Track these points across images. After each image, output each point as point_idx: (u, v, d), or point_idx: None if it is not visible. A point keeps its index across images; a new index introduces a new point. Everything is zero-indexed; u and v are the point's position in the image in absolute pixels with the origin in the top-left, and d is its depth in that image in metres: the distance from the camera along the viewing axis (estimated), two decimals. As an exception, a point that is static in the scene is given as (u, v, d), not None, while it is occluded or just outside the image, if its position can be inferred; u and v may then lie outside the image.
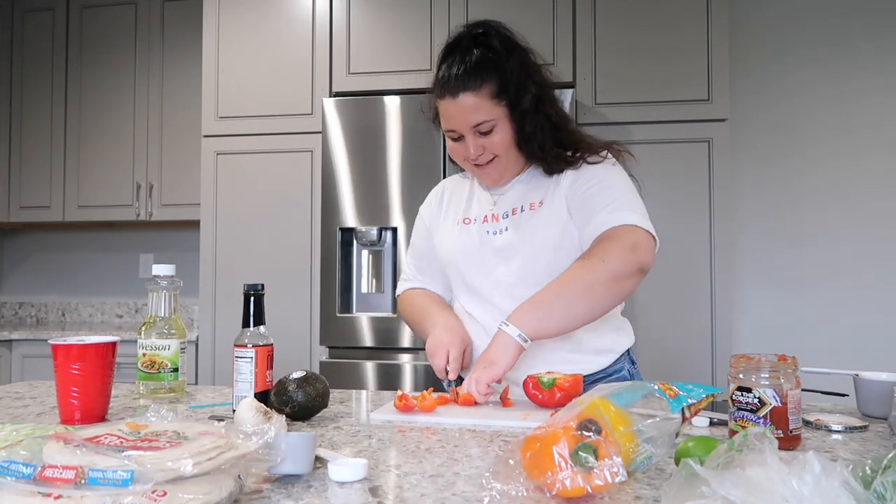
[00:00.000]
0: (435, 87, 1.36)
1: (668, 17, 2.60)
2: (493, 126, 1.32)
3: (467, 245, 1.42)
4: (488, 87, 1.30)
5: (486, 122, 1.31)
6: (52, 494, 0.58)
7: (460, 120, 1.32)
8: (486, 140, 1.33)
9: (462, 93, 1.30)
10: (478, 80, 1.30)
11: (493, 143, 1.34)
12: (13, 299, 3.80)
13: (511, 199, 1.42)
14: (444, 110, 1.34)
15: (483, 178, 1.42)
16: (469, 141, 1.33)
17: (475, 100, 1.30)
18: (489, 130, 1.32)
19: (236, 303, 2.22)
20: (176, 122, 3.27)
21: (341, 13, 2.78)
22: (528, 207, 1.39)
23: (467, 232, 1.43)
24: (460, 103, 1.31)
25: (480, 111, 1.30)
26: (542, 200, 1.38)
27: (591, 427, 0.69)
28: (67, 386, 1.07)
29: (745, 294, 3.07)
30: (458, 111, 1.31)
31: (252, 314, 1.14)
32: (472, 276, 1.41)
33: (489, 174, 1.40)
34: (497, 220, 1.41)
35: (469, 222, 1.45)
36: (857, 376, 1.17)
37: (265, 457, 0.70)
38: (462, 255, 1.42)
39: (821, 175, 3.05)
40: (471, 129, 1.32)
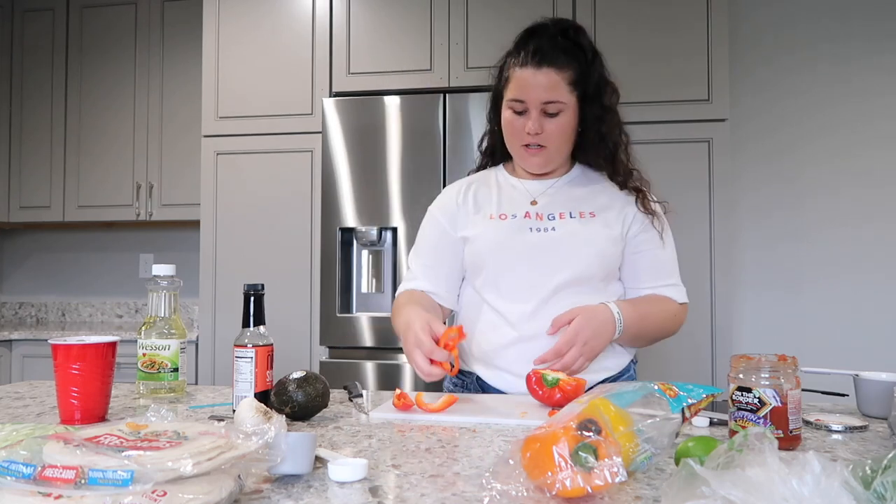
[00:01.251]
0: (514, 57, 1.36)
1: (668, 18, 2.60)
2: (561, 110, 1.34)
3: (510, 238, 1.38)
4: (570, 73, 1.34)
5: (556, 103, 1.33)
6: (52, 494, 0.58)
7: (535, 92, 1.32)
8: (548, 122, 1.34)
9: (547, 66, 1.32)
10: (563, 61, 1.33)
11: (553, 126, 1.35)
12: (13, 299, 3.80)
13: (556, 201, 1.42)
14: (521, 79, 1.33)
15: (528, 160, 1.40)
16: (532, 116, 1.34)
17: (557, 77, 1.33)
18: (556, 113, 1.34)
19: (236, 303, 2.22)
20: (176, 122, 3.27)
21: (341, 13, 2.78)
22: (579, 215, 1.39)
23: (506, 226, 1.40)
24: (542, 75, 1.32)
25: (558, 90, 1.33)
26: (595, 213, 1.39)
27: (591, 427, 0.69)
28: (67, 386, 1.07)
29: (745, 294, 3.07)
30: (536, 82, 1.32)
31: (252, 314, 1.14)
32: (507, 271, 1.37)
33: (535, 160, 1.39)
34: (541, 219, 1.39)
35: (505, 217, 1.41)
36: (857, 376, 1.17)
37: (265, 457, 0.70)
38: (502, 248, 1.38)
39: (821, 175, 3.05)
40: (540, 105, 1.33)
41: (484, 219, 1.43)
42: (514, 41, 1.40)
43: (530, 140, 1.36)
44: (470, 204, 1.47)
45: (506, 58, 1.41)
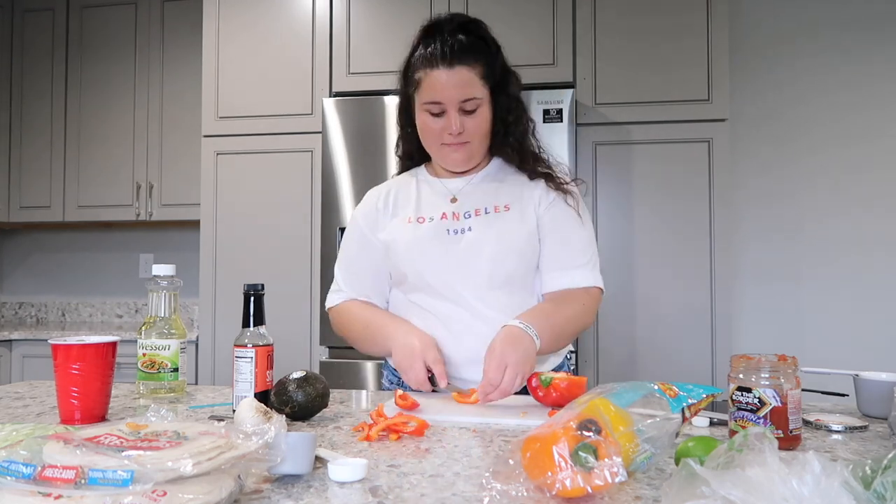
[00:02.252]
0: (420, 58, 1.34)
1: (669, 18, 2.60)
2: (478, 106, 1.34)
3: (427, 243, 1.38)
4: (479, 68, 1.34)
5: (473, 100, 1.33)
6: (52, 494, 0.58)
7: (451, 92, 1.31)
8: (467, 119, 1.34)
9: (458, 64, 1.31)
10: (472, 57, 1.33)
11: (473, 122, 1.35)
12: (13, 299, 3.80)
13: (473, 198, 1.41)
14: (433, 81, 1.32)
15: (449, 158, 1.39)
16: (452, 116, 1.33)
17: (469, 75, 1.32)
18: (473, 110, 1.34)
19: (236, 303, 2.22)
20: (176, 122, 3.27)
21: (341, 13, 2.78)
22: (494, 210, 1.39)
23: (423, 230, 1.39)
24: (455, 74, 1.31)
25: (472, 87, 1.32)
26: (509, 205, 1.39)
27: (591, 427, 0.69)
28: (67, 386, 1.07)
29: (745, 295, 3.07)
30: (451, 83, 1.31)
31: (252, 314, 1.14)
32: (433, 275, 1.37)
33: (458, 156, 1.38)
34: (458, 219, 1.39)
35: (423, 220, 1.41)
36: (857, 376, 1.17)
37: (265, 457, 0.70)
38: (421, 254, 1.37)
39: (821, 175, 3.05)
40: (457, 104, 1.32)
41: (402, 223, 1.43)
42: (415, 42, 1.38)
43: (451, 140, 1.35)
44: (390, 207, 1.46)
45: (410, 59, 1.39)
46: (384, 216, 1.46)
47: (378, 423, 0.99)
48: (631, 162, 2.60)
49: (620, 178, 2.61)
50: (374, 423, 1.00)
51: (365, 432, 0.97)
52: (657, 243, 2.57)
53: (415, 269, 1.38)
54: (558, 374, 1.18)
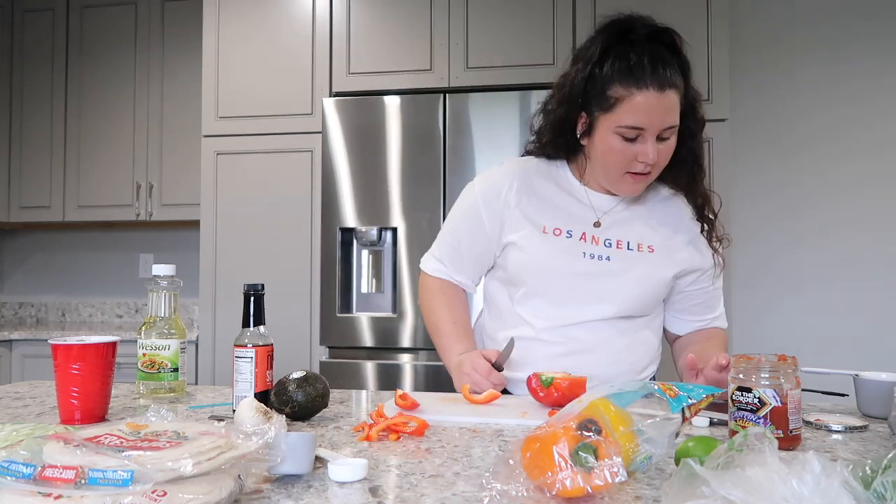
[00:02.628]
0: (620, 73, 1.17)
1: (668, 18, 2.58)
2: (672, 133, 1.22)
3: (559, 259, 1.29)
4: (681, 90, 1.21)
5: (673, 128, 1.20)
6: (52, 494, 0.58)
7: (658, 119, 1.17)
8: (660, 146, 1.21)
9: (669, 88, 1.17)
10: (678, 78, 1.19)
11: (665, 151, 1.22)
12: (13, 299, 3.80)
13: (619, 227, 1.31)
14: (639, 105, 1.16)
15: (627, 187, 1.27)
16: (650, 144, 1.19)
17: (676, 99, 1.19)
18: (668, 137, 1.21)
19: (236, 303, 2.22)
20: (176, 122, 3.27)
21: (341, 13, 2.78)
22: (637, 248, 1.29)
23: (559, 245, 1.30)
24: (665, 100, 1.17)
25: (675, 113, 1.20)
26: (653, 247, 1.30)
27: (591, 427, 0.69)
28: (67, 386, 1.07)
29: (745, 293, 3.07)
30: (659, 107, 1.16)
31: (252, 314, 1.14)
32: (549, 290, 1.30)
33: (639, 186, 1.26)
34: (597, 244, 1.29)
35: (559, 233, 1.30)
36: (857, 376, 1.17)
37: (265, 457, 0.70)
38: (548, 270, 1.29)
39: (821, 175, 3.05)
40: (660, 131, 1.19)
41: (535, 229, 1.31)
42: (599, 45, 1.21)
43: (642, 168, 1.22)
44: (523, 205, 1.32)
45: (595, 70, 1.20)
46: (512, 212, 1.33)
47: (378, 423, 0.99)
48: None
49: (620, 178, 2.60)
50: (374, 423, 1.00)
51: (365, 432, 0.97)
52: (657, 243, 2.57)
53: (538, 280, 1.31)
54: (559, 374, 1.18)
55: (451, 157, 2.58)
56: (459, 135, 2.58)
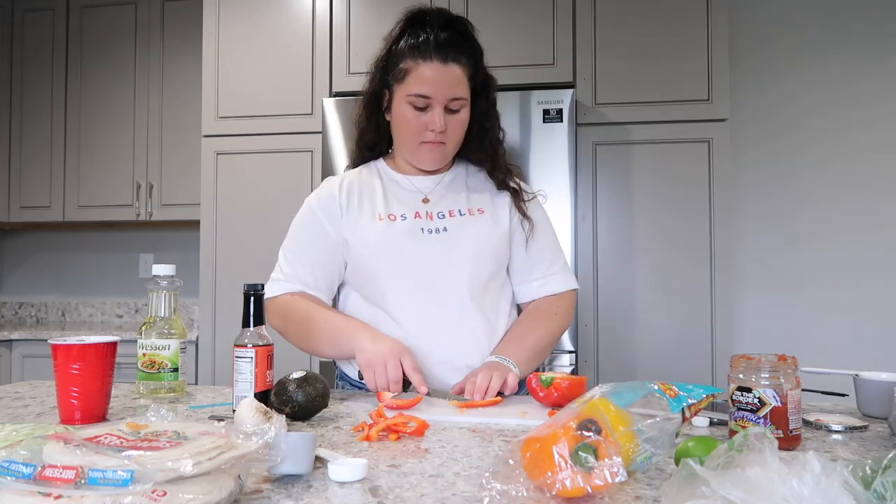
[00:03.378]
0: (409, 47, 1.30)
1: (669, 18, 2.60)
2: (462, 107, 1.33)
3: (402, 240, 1.33)
4: (468, 68, 1.32)
5: (460, 100, 1.32)
6: (52, 494, 0.58)
7: (442, 88, 1.29)
8: (450, 118, 1.32)
9: (452, 62, 1.29)
10: (463, 56, 1.31)
11: (455, 122, 1.33)
12: (13, 299, 3.80)
13: (446, 199, 1.40)
14: (424, 73, 1.28)
15: (425, 157, 1.36)
16: (437, 112, 1.30)
17: (460, 73, 1.31)
18: (458, 110, 1.32)
19: (236, 303, 2.22)
20: (176, 122, 3.27)
21: (341, 13, 2.78)
22: (468, 212, 1.38)
23: (396, 227, 1.35)
24: (449, 71, 1.29)
25: (461, 86, 1.31)
26: (483, 209, 1.39)
27: (591, 427, 0.69)
28: (67, 386, 1.07)
29: (745, 294, 3.07)
30: (443, 78, 1.28)
31: (252, 314, 1.14)
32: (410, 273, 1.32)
33: (434, 155, 1.36)
34: (431, 219, 1.37)
35: (394, 218, 1.36)
36: (857, 376, 1.17)
37: (265, 457, 0.70)
38: (397, 251, 1.33)
39: (821, 175, 3.05)
40: (445, 101, 1.30)
41: (370, 219, 1.36)
42: (397, 29, 1.34)
43: (432, 137, 1.33)
44: (354, 202, 1.39)
45: (392, 47, 1.34)
46: (345, 210, 1.39)
47: (378, 423, 0.99)
48: (631, 162, 2.60)
49: (620, 178, 2.61)
50: (374, 423, 1.00)
51: (365, 432, 0.97)
52: (657, 243, 2.57)
53: (388, 266, 1.34)
54: (558, 374, 1.18)
55: (451, 157, 2.58)
56: (459, 135, 2.58)
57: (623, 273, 2.58)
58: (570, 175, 2.50)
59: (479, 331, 1.33)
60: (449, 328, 1.32)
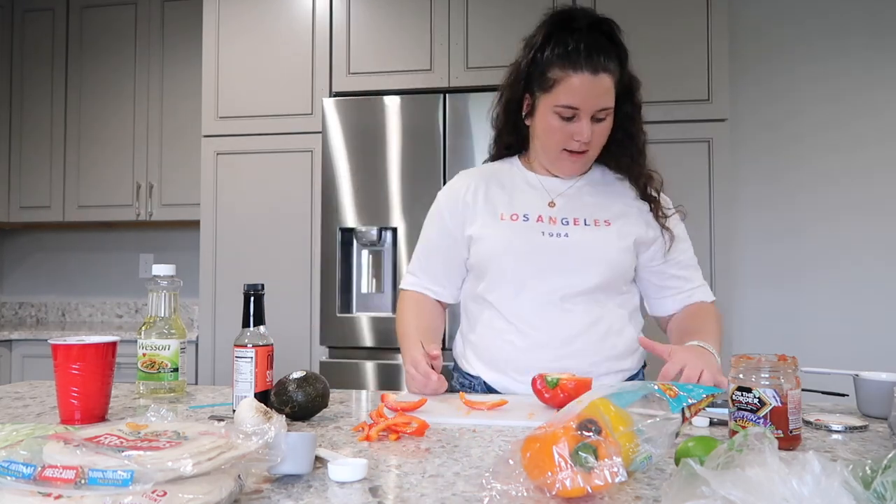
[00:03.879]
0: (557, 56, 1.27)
1: (668, 17, 2.60)
2: (608, 115, 1.31)
3: (519, 240, 1.34)
4: (616, 74, 1.29)
5: (607, 109, 1.29)
6: (52, 494, 0.58)
7: (592, 99, 1.26)
8: (595, 127, 1.30)
9: (603, 72, 1.26)
10: (612, 64, 1.28)
11: (599, 130, 1.30)
12: (13, 299, 3.80)
13: (573, 205, 1.37)
14: (575, 85, 1.26)
15: (567, 166, 1.36)
16: (584, 123, 1.28)
17: (610, 83, 1.28)
18: (603, 118, 1.30)
19: (236, 303, 2.22)
20: (176, 123, 3.27)
21: (341, 13, 2.78)
22: (594, 223, 1.35)
23: (517, 228, 1.35)
24: (600, 82, 1.26)
25: (609, 96, 1.29)
26: (610, 221, 1.35)
27: (591, 427, 0.69)
28: (67, 386, 1.07)
29: (744, 294, 3.07)
30: (593, 89, 1.26)
31: (252, 314, 1.14)
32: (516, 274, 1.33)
33: (576, 164, 1.35)
34: (555, 223, 1.35)
35: (517, 218, 1.36)
36: (857, 376, 1.17)
37: (265, 457, 0.70)
38: (511, 250, 1.33)
39: (821, 176, 3.05)
40: (593, 112, 1.28)
41: (494, 218, 1.37)
42: (541, 34, 1.32)
43: (576, 147, 1.31)
44: (480, 201, 1.40)
45: (538, 54, 1.31)
46: (471, 209, 1.40)
47: (378, 423, 0.99)
48: (631, 162, 2.60)
49: (620, 178, 2.60)
50: (374, 423, 1.00)
51: (365, 432, 0.97)
52: (657, 243, 2.57)
53: (502, 264, 1.34)
54: (564, 375, 1.17)
55: (451, 157, 2.58)
56: (459, 135, 2.58)
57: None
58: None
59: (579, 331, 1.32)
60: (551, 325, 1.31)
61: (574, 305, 1.32)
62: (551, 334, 1.32)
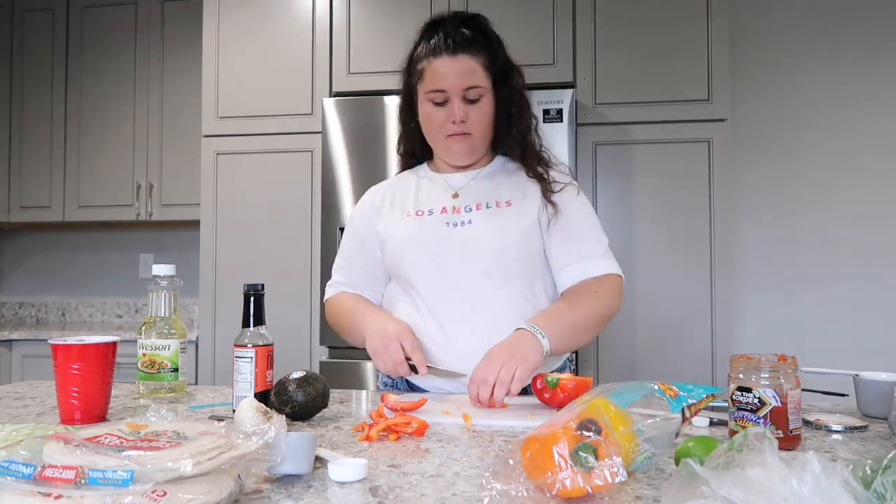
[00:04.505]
0: (423, 49, 1.37)
1: (669, 18, 2.60)
2: (481, 95, 1.35)
3: (426, 234, 1.38)
4: (483, 58, 1.35)
5: (477, 88, 1.34)
6: (52, 494, 0.58)
7: (454, 80, 1.33)
8: (470, 109, 1.35)
9: (461, 53, 1.33)
10: (474, 48, 1.35)
11: (476, 112, 1.36)
12: (13, 299, 3.80)
13: (475, 193, 1.41)
14: (437, 69, 1.34)
15: (453, 150, 1.39)
16: (455, 104, 1.34)
17: (473, 63, 1.34)
18: (476, 99, 1.35)
19: (236, 303, 2.22)
20: (176, 122, 3.27)
21: (341, 13, 2.78)
22: (495, 205, 1.39)
23: (422, 223, 1.39)
24: (459, 63, 1.33)
25: (475, 75, 1.34)
26: (511, 202, 1.39)
27: (591, 427, 0.69)
28: (67, 386, 1.07)
29: (745, 294, 3.07)
30: (454, 70, 1.32)
31: (252, 314, 1.14)
32: (432, 266, 1.36)
33: (461, 147, 1.38)
34: (458, 213, 1.39)
35: (422, 214, 1.41)
36: (857, 376, 1.17)
37: (265, 457, 0.70)
38: (419, 245, 1.37)
39: (821, 175, 3.05)
40: (461, 92, 1.33)
41: (400, 217, 1.43)
42: (418, 36, 1.40)
43: (455, 129, 1.36)
44: (387, 203, 1.47)
45: (413, 53, 1.41)
46: (380, 212, 1.47)
47: (378, 423, 0.99)
48: (631, 162, 2.60)
49: (620, 178, 2.61)
50: (374, 423, 1.00)
51: (365, 432, 0.97)
52: (657, 242, 2.57)
53: (412, 259, 1.38)
54: (564, 375, 1.17)
55: (451, 157, 2.58)
56: (459, 135, 2.58)
57: (623, 272, 2.58)
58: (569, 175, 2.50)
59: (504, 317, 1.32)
60: (468, 316, 1.33)
61: (486, 292, 1.34)
62: (464, 326, 1.33)
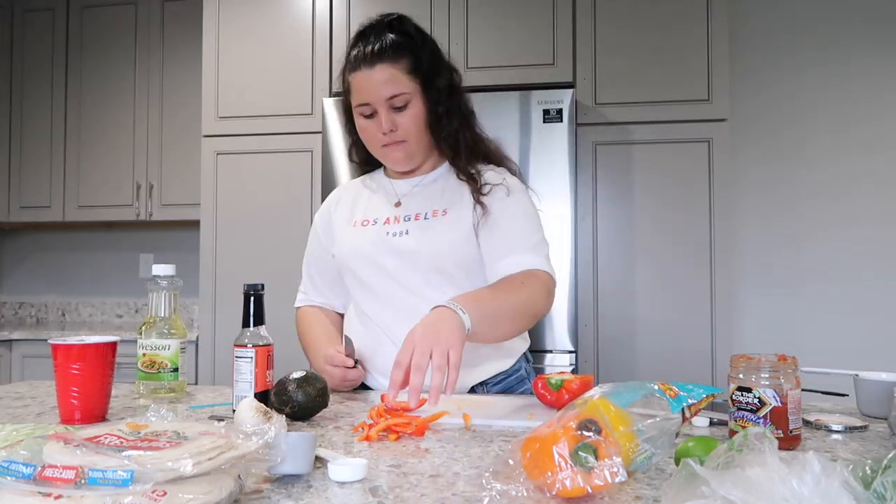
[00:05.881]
0: (348, 63, 1.37)
1: (669, 17, 2.61)
2: (408, 101, 1.33)
3: (364, 245, 1.39)
4: (404, 62, 1.33)
5: (401, 95, 1.32)
6: (52, 494, 0.58)
7: (375, 91, 1.31)
8: (399, 116, 1.33)
9: (379, 63, 1.31)
10: (395, 54, 1.33)
11: (406, 118, 1.34)
12: (13, 299, 3.80)
13: (416, 202, 1.41)
14: (359, 83, 1.33)
15: (390, 158, 1.38)
16: (382, 115, 1.33)
17: (392, 71, 1.32)
18: (403, 105, 1.33)
19: (236, 303, 2.22)
20: (176, 122, 3.27)
21: (341, 13, 2.78)
22: (432, 214, 1.38)
23: (365, 233, 1.41)
24: (377, 73, 1.31)
25: (396, 82, 1.32)
26: (447, 210, 1.38)
27: (591, 427, 0.69)
28: (67, 386, 1.07)
29: (745, 294, 3.07)
30: (374, 82, 1.31)
31: (252, 314, 1.14)
32: (370, 277, 1.38)
33: (398, 155, 1.37)
34: (399, 222, 1.39)
35: (367, 223, 1.42)
36: (857, 376, 1.17)
37: (265, 457, 0.70)
38: (357, 256, 1.39)
39: (821, 175, 3.05)
40: (385, 102, 1.32)
41: (348, 226, 1.45)
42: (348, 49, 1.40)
43: (387, 140, 1.35)
44: (339, 212, 1.49)
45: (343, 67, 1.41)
46: (333, 222, 1.49)
47: (378, 423, 0.99)
48: (631, 162, 2.60)
49: (620, 178, 2.61)
50: (374, 423, 1.00)
51: (365, 432, 0.97)
52: (657, 242, 2.57)
53: (355, 268, 1.40)
54: (567, 375, 1.17)
55: (451, 157, 2.58)
56: (459, 135, 2.58)
57: (623, 273, 2.58)
58: (570, 175, 2.50)
59: None
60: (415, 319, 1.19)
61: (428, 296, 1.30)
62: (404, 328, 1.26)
